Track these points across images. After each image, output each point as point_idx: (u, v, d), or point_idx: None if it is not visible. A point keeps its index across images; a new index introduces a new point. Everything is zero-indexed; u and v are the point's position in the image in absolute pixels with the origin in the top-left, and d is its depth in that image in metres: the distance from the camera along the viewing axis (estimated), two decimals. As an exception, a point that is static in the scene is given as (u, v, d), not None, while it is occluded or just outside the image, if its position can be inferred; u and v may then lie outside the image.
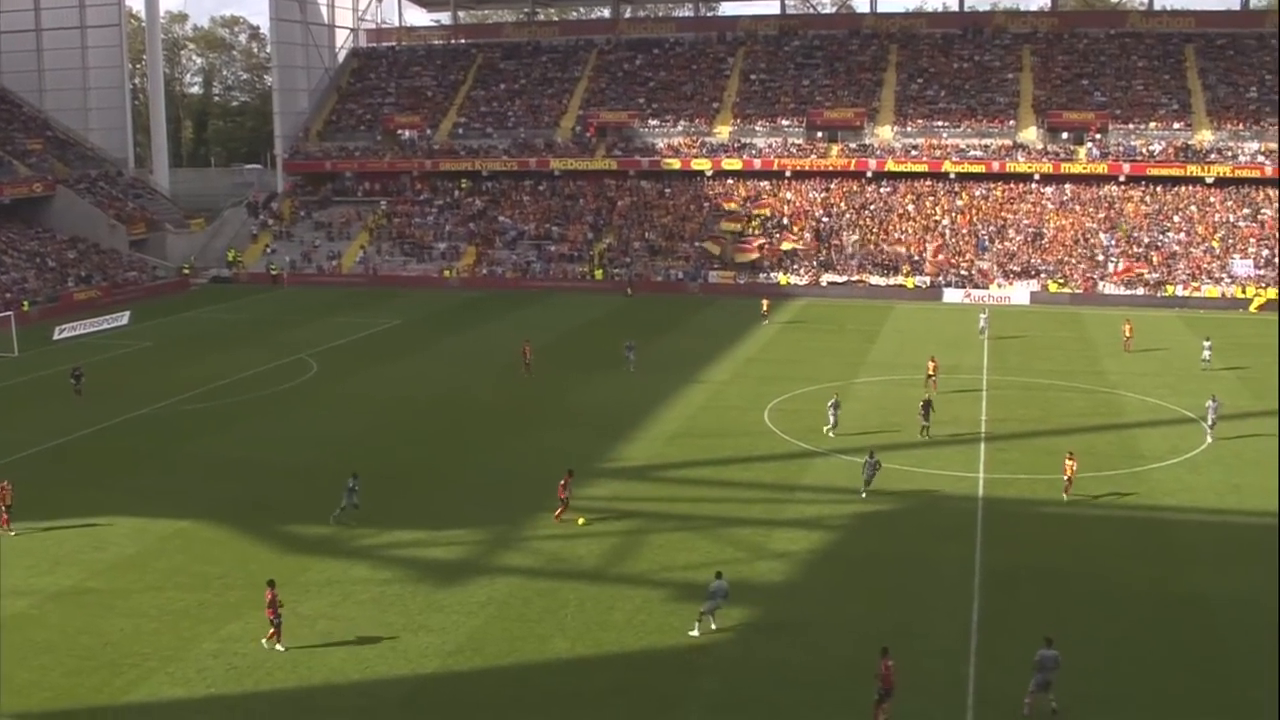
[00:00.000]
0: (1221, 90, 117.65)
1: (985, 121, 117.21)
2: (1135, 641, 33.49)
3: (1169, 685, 30.92)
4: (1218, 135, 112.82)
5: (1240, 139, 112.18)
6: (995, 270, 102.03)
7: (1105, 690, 30.55)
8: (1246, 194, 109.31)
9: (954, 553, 39.95)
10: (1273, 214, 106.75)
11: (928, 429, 54.29)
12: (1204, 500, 46.11)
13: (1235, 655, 32.68)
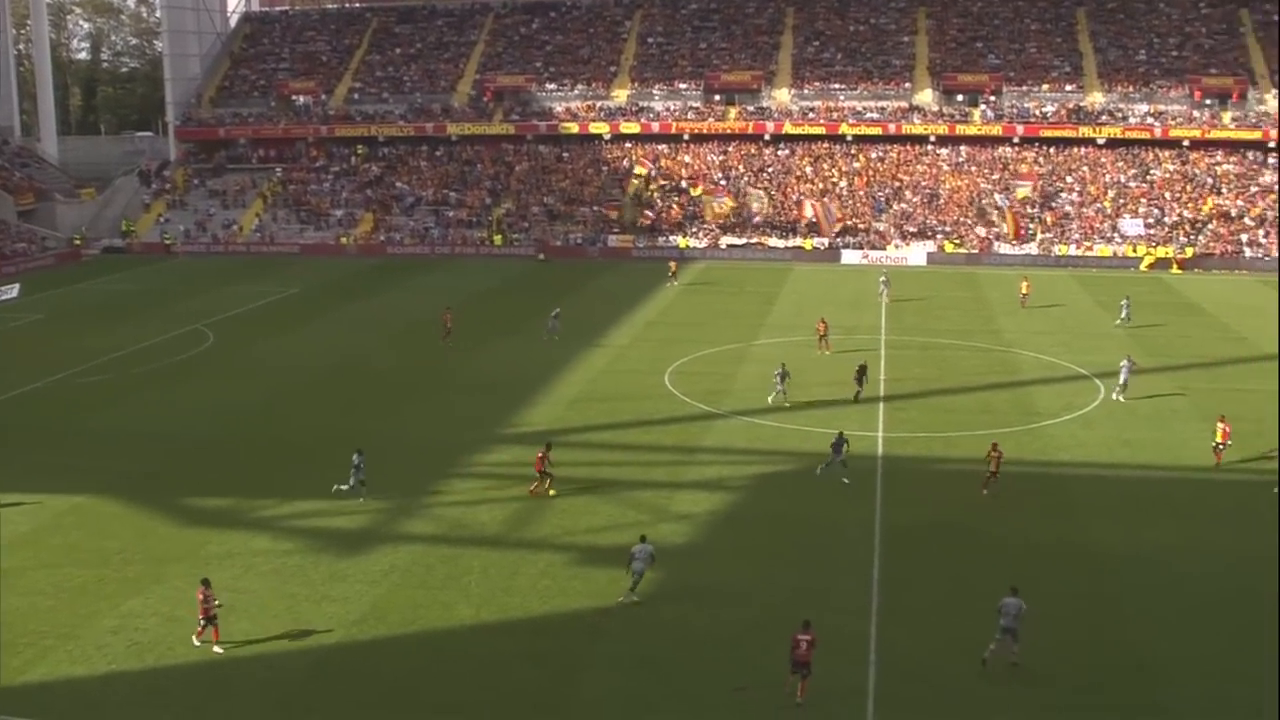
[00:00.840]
0: (1112, 53, 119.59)
1: (881, 84, 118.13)
2: (1032, 593, 34.13)
3: (1068, 633, 31.63)
4: (1108, 97, 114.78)
5: (1130, 101, 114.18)
6: (892, 231, 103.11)
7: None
8: (1136, 155, 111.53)
9: (854, 511, 40.48)
10: (1162, 174, 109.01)
11: (861, 393, 54.49)
12: (1097, 455, 47.14)
13: (1129, 604, 33.52)
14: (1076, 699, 28.59)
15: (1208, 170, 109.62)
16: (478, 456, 46.30)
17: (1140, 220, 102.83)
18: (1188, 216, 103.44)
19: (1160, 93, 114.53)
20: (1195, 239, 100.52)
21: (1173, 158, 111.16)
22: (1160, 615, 32.96)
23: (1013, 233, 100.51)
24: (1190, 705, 28.34)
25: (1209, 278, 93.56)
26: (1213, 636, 31.69)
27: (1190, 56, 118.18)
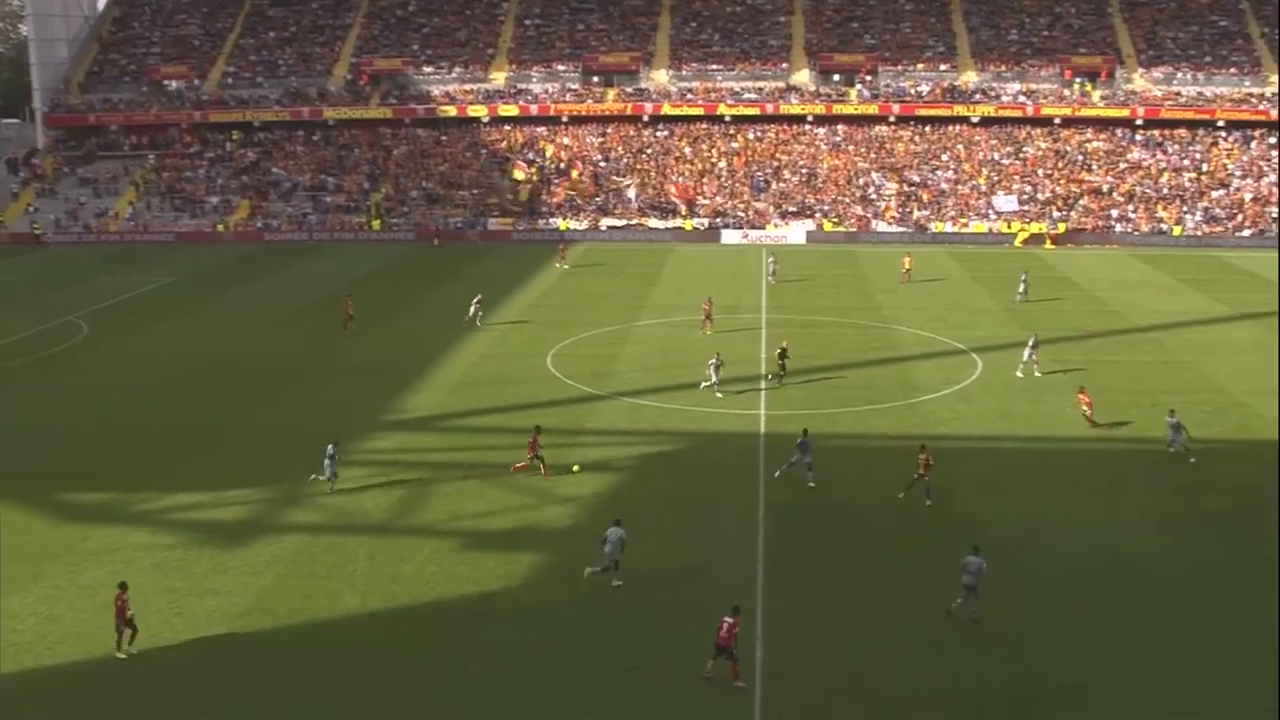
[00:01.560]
0: (985, 33, 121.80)
1: (759, 65, 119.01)
2: (915, 565, 34.93)
3: (943, 603, 32.27)
4: (982, 77, 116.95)
5: (1003, 80, 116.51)
6: (772, 211, 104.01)
7: (887, 612, 31.78)
8: (1010, 132, 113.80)
9: (738, 489, 40.90)
10: (1034, 152, 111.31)
11: (782, 376, 54.70)
12: (975, 428, 48.13)
13: (1009, 574, 34.24)
14: (959, 669, 29.25)
15: (1078, 147, 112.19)
16: (360, 444, 45.98)
17: (1014, 197, 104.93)
18: (1060, 193, 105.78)
19: (1032, 72, 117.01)
20: (1068, 215, 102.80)
21: (1044, 135, 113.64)
22: (1038, 584, 33.77)
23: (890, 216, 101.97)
24: (1068, 673, 29.10)
25: (1081, 253, 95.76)
26: (1088, 604, 32.56)
27: (1060, 36, 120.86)
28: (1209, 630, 31.15)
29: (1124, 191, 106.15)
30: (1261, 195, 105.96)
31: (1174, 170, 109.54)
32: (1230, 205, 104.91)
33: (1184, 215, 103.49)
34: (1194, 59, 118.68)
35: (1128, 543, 36.56)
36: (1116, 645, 30.34)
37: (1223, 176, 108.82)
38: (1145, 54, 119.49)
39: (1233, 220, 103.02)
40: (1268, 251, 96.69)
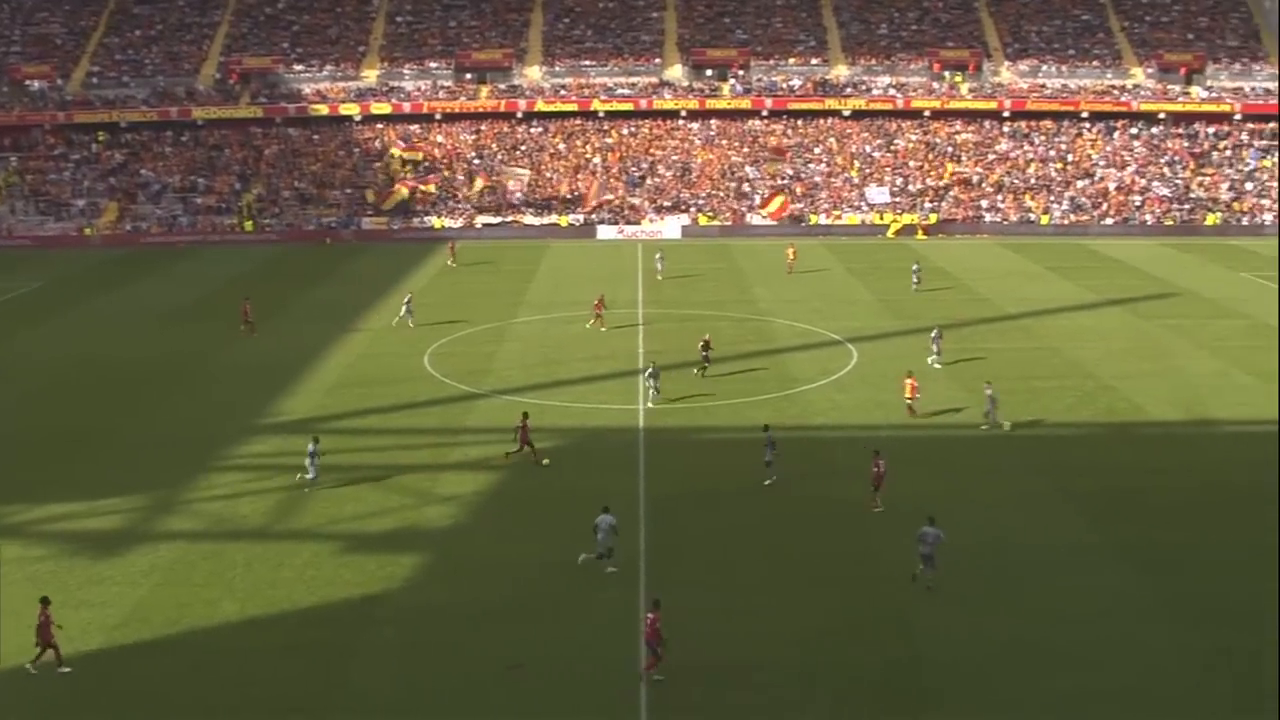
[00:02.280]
0: (855, 27, 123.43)
1: (632, 60, 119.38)
2: (796, 552, 35.46)
3: (833, 592, 32.93)
4: (852, 70, 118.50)
5: (873, 73, 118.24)
6: (647, 205, 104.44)
7: (772, 601, 32.24)
8: (881, 125, 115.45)
9: (619, 484, 41.06)
10: (905, 144, 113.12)
11: (705, 369, 55.03)
12: (852, 417, 48.91)
13: (883, 556, 35.00)
14: (845, 654, 29.77)
15: (948, 139, 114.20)
16: (236, 448, 45.44)
17: (886, 189, 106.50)
18: (931, 184, 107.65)
19: (901, 65, 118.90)
20: (938, 206, 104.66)
21: (915, 128, 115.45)
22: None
23: (776, 207, 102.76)
24: (951, 655, 29.79)
25: (952, 243, 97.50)
26: (968, 586, 33.35)
27: (929, 30, 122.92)
28: (1086, 610, 32.12)
29: (993, 182, 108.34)
30: (1124, 184, 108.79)
31: (1040, 161, 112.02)
32: (1095, 194, 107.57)
33: (1051, 205, 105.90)
34: (1058, 52, 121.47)
35: (1004, 525, 37.45)
36: (997, 626, 31.16)
37: (1087, 167, 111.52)
38: (1011, 47, 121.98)
39: (1097, 209, 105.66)
40: (1131, 239, 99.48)
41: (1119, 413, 49.94)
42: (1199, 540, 36.79)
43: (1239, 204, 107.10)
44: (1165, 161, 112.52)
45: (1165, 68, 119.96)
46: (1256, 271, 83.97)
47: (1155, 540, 36.66)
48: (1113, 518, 38.38)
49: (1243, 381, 54.73)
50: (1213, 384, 54.27)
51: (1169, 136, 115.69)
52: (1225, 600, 32.68)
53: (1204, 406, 50.84)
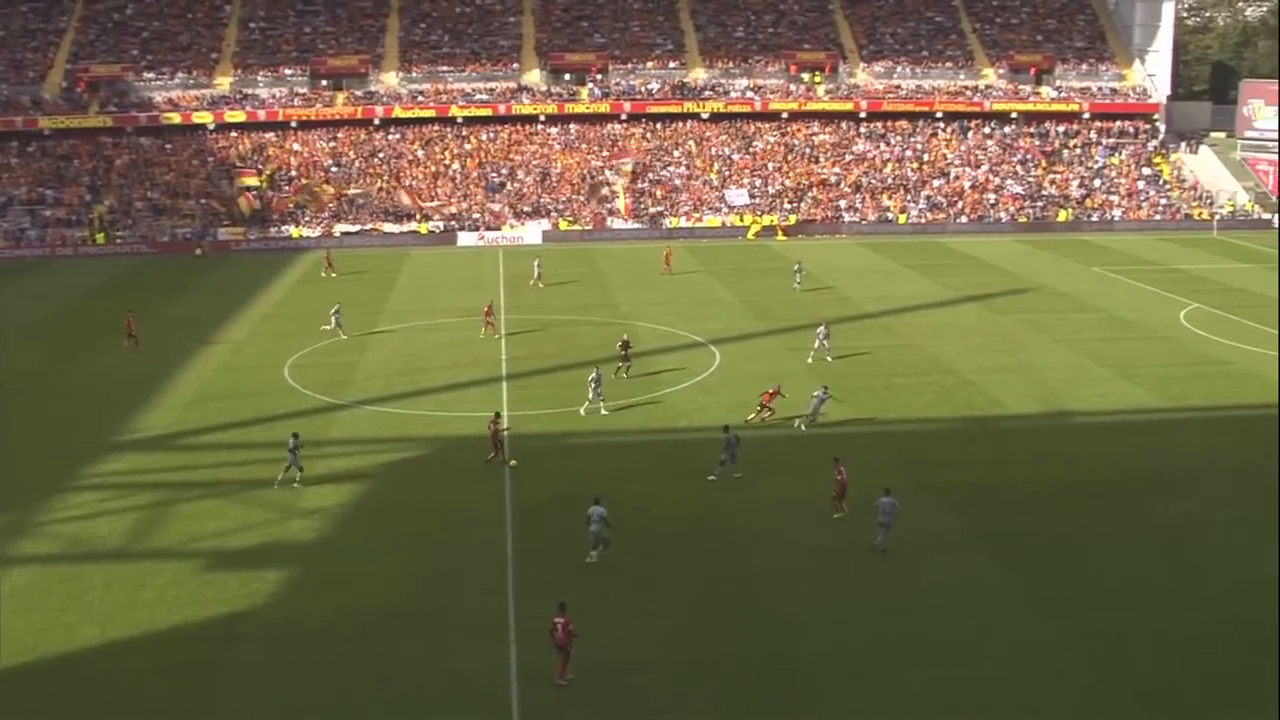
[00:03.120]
0: (712, 30, 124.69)
1: (490, 65, 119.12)
2: (663, 555, 35.77)
3: (703, 592, 33.28)
4: (710, 73, 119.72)
5: (731, 76, 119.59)
6: (507, 211, 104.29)
7: (637, 603, 32.48)
8: (739, 128, 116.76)
9: (485, 492, 41.08)
10: (763, 145, 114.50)
11: (626, 369, 55.46)
12: (716, 418, 49.17)
13: (757, 559, 35.50)
14: (715, 655, 30.12)
15: (806, 141, 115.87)
16: (92, 467, 44.48)
17: (745, 190, 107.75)
18: (789, 185, 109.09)
19: (759, 68, 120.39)
20: (798, 206, 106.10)
21: (773, 129, 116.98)
22: (786, 567, 35.06)
23: (625, 210, 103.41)
24: (820, 650, 30.30)
25: (812, 243, 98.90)
26: (834, 582, 34.01)
27: (785, 33, 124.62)
28: (951, 601, 32.93)
29: (850, 183, 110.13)
30: (979, 183, 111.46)
31: (897, 161, 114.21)
32: (950, 193, 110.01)
33: (908, 204, 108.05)
34: (912, 54, 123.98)
35: (866, 522, 38.15)
36: (864, 621, 31.81)
37: (942, 166, 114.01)
38: (866, 49, 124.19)
39: (953, 207, 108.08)
40: (986, 236, 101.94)
41: (978, 407, 51.17)
42: (1057, 529, 37.88)
43: (1089, 200, 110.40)
44: (1018, 160, 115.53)
45: (1016, 68, 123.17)
46: (1108, 266, 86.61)
47: (1015, 531, 37.71)
48: (973, 510, 39.34)
49: (1097, 374, 56.43)
50: (1068, 377, 55.88)
51: (1021, 135, 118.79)
52: (1084, 587, 33.72)
53: (1060, 399, 52.34)
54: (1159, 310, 71.02)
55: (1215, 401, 52.37)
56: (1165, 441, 47.10)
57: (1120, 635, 30.91)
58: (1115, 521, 38.57)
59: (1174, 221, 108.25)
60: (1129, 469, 42.68)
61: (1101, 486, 41.42)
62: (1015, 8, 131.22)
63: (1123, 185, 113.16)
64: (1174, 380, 55.38)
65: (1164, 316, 69.23)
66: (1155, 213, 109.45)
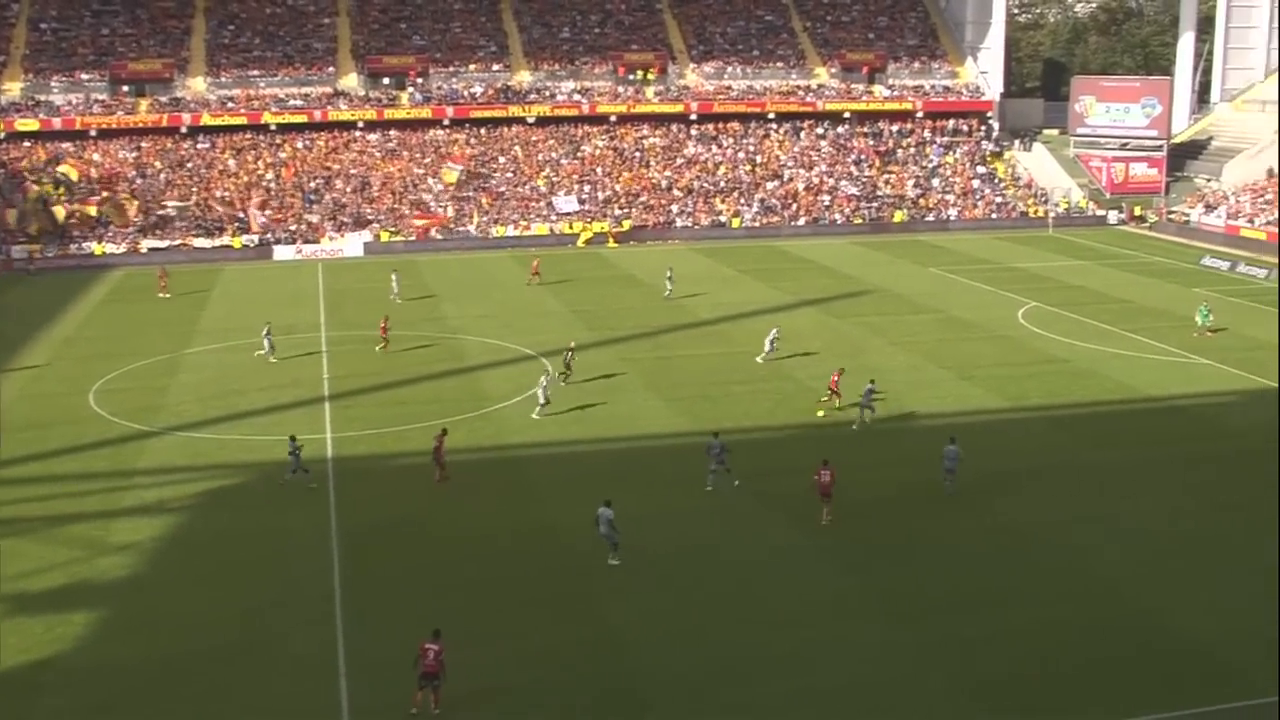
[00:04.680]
0: (536, 31, 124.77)
1: (304, 69, 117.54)
2: (500, 576, 35.63)
3: (543, 613, 33.24)
4: (536, 76, 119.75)
5: (557, 78, 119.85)
6: (326, 223, 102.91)
7: (482, 628, 32.22)
8: (566, 132, 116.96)
9: (308, 519, 40.47)
10: (592, 150, 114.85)
11: (567, 375, 56.24)
12: (551, 434, 49.37)
13: (590, 576, 35.55)
14: (560, 675, 30.14)
15: (636, 144, 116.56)
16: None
17: (574, 197, 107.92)
18: (620, 190, 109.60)
19: (586, 70, 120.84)
20: (629, 212, 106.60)
21: (602, 133, 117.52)
22: (629, 584, 35.18)
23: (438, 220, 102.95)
24: (667, 668, 30.44)
25: (644, 249, 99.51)
26: (676, 598, 34.26)
27: (612, 33, 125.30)
28: (796, 612, 33.44)
29: (682, 187, 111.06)
30: (813, 184, 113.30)
31: (730, 163, 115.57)
32: (785, 195, 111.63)
33: (741, 207, 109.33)
34: (742, 53, 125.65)
35: (707, 534, 38.52)
36: (711, 635, 32.12)
37: (776, 168, 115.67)
38: (696, 49, 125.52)
39: (788, 210, 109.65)
40: (822, 239, 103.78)
41: (814, 412, 51.94)
42: (903, 534, 38.71)
43: (925, 200, 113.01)
44: (852, 160, 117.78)
45: (848, 67, 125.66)
46: (945, 266, 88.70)
47: (859, 538, 38.39)
48: (810, 519, 39.85)
49: (936, 375, 57.79)
50: (907, 379, 57.11)
51: (854, 135, 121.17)
52: (933, 592, 34.50)
53: (899, 401, 53.44)
54: (996, 309, 72.96)
55: (1054, 400, 53.98)
56: (1006, 442, 48.41)
57: (971, 639, 31.69)
58: (960, 524, 39.52)
59: (1009, 220, 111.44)
60: (971, 470, 43.71)
61: (941, 490, 42.30)
62: (846, 6, 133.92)
63: (958, 184, 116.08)
64: (1013, 380, 56.96)
65: (1002, 316, 71.13)
66: (991, 211, 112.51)
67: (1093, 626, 32.36)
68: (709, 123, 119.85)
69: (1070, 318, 70.23)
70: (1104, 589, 34.68)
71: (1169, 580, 35.38)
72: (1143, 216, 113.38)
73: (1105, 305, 73.82)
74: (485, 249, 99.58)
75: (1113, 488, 43.11)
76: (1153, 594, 34.44)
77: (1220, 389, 56.21)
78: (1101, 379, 57.34)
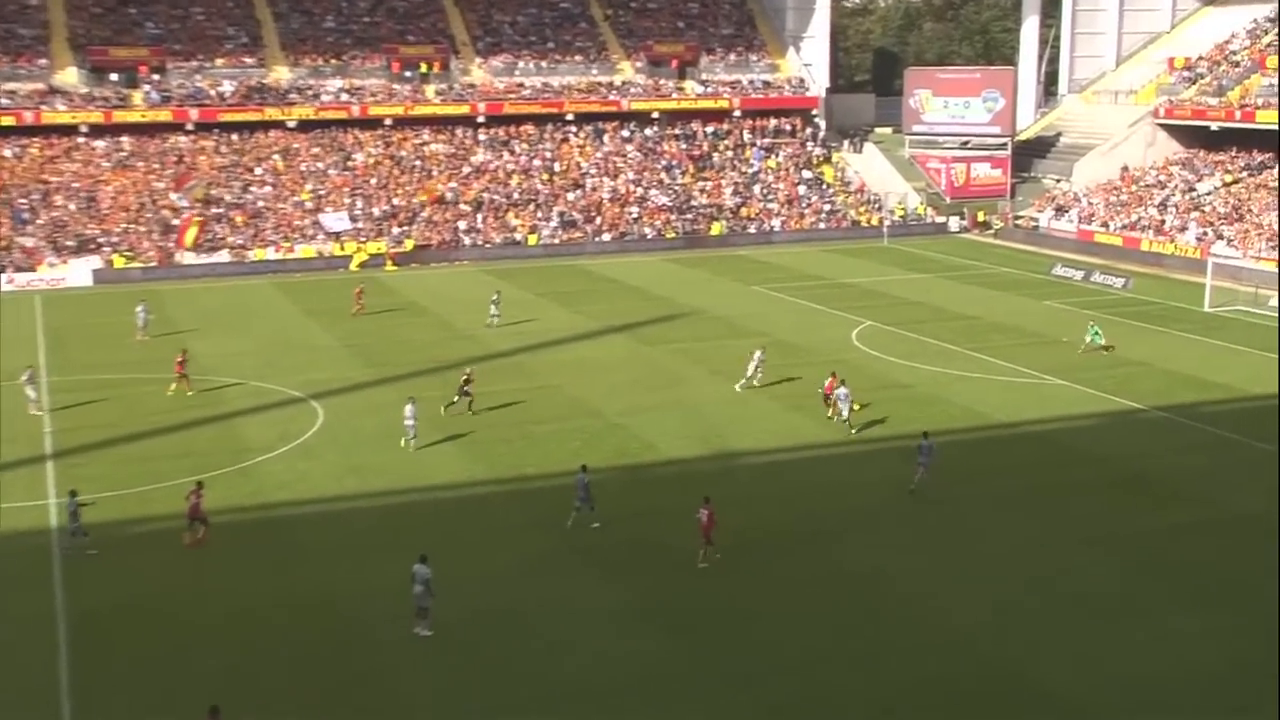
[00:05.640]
0: (296, 20, 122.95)
1: (9, 61, 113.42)
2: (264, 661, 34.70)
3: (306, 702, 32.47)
4: (296, 72, 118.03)
5: (321, 76, 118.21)
6: (44, 247, 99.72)
7: None
8: (335, 138, 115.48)
9: (28, 601, 38.89)
10: (365, 159, 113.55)
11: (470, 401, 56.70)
12: (322, 488, 48.50)
13: (379, 652, 34.88)
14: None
15: (415, 151, 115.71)
16: None
17: (345, 213, 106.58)
18: (399, 205, 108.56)
19: (355, 65, 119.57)
20: (409, 230, 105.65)
21: (376, 139, 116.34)
22: (417, 663, 34.59)
23: (191, 240, 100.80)
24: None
25: (428, 272, 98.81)
26: (477, 672, 33.91)
27: (385, 23, 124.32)
28: (616, 681, 33.46)
29: (470, 200, 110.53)
30: (619, 194, 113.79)
31: (523, 172, 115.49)
32: (587, 207, 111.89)
33: (539, 222, 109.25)
34: (535, 46, 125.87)
35: (514, 594, 38.17)
36: (521, 710, 31.81)
37: (576, 176, 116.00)
38: (482, 41, 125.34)
39: (591, 223, 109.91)
40: (631, 256, 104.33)
41: (631, 454, 51.99)
42: (731, 589, 38.80)
43: (746, 210, 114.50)
44: (663, 167, 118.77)
45: (655, 60, 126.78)
46: (770, 284, 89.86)
47: (683, 594, 38.38)
48: (633, 573, 39.77)
49: (763, 407, 58.32)
50: (730, 412, 57.58)
51: (665, 138, 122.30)
52: (767, 654, 34.59)
53: (723, 438, 53.77)
54: (828, 331, 74.05)
55: (896, 430, 54.76)
56: (844, 478, 49.06)
57: (812, 701, 31.87)
58: (795, 574, 39.75)
59: (840, 230, 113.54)
60: (806, 513, 44.01)
61: (777, 535, 42.51)
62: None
63: (781, 191, 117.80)
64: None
65: (834, 337, 72.20)
66: (819, 221, 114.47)
67: (950, 682, 32.72)
68: (499, 125, 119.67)
69: (910, 338, 71.57)
70: (961, 640, 35.16)
71: (1029, 628, 36.01)
72: (987, 223, 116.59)
73: (948, 323, 75.41)
74: (241, 275, 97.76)
75: (965, 526, 43.84)
76: (1013, 643, 35.08)
77: (1078, 411, 57.85)
78: (947, 405, 58.42)
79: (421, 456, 51.78)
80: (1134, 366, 65.46)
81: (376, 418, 57.22)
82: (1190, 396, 60.41)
